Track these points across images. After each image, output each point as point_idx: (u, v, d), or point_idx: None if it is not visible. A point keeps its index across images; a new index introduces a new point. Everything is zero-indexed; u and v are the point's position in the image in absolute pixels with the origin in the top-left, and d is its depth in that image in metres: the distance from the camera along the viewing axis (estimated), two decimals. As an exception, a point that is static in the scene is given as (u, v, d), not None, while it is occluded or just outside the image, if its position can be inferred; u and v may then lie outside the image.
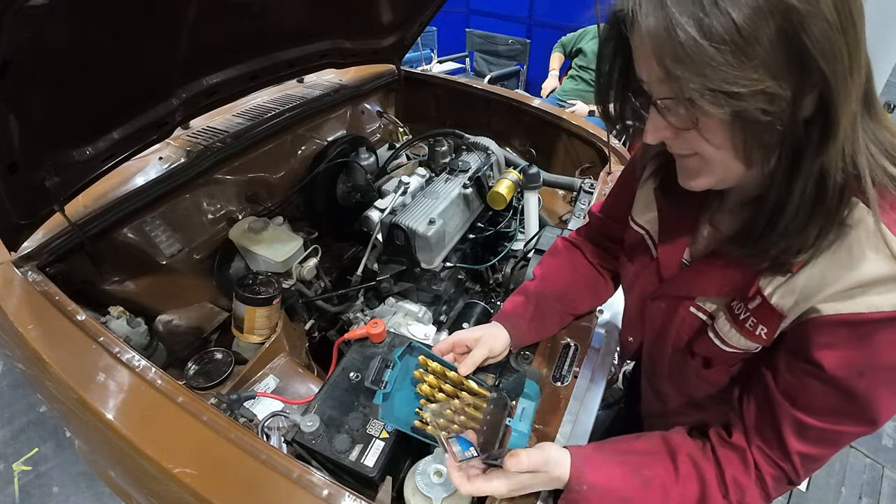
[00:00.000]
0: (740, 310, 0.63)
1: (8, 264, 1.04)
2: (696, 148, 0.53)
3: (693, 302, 0.69)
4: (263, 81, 1.40)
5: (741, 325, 0.63)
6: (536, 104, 1.87)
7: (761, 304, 0.59)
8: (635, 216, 0.81)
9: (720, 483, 0.65)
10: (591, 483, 0.66)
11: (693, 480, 0.66)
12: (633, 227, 0.81)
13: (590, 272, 0.97)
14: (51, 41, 0.78)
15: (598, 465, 0.68)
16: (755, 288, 0.59)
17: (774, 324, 0.59)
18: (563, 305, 0.96)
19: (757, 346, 0.63)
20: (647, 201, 0.78)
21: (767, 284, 0.58)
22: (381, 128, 2.06)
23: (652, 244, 0.78)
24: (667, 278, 0.74)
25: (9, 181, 0.88)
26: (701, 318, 0.69)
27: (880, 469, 2.02)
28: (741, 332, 0.63)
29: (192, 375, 1.12)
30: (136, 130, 1.11)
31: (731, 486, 0.64)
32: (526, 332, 0.92)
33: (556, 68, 3.40)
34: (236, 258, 1.40)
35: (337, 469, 0.80)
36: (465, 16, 4.71)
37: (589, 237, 0.99)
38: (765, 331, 0.60)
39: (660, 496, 0.66)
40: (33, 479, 1.91)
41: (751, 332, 0.62)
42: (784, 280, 0.57)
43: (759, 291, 0.59)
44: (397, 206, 1.37)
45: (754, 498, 0.65)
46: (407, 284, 1.36)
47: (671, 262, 0.73)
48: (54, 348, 0.90)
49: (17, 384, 2.22)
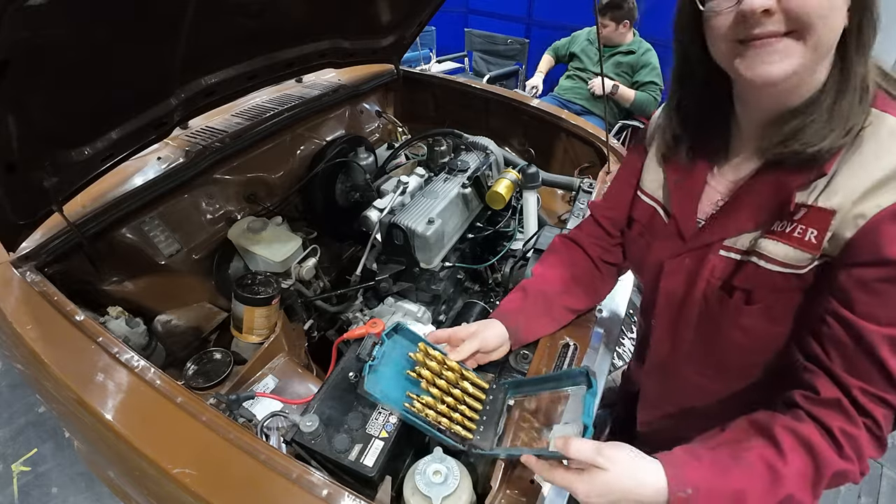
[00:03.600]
0: (784, 226, 0.65)
1: (6, 264, 1.04)
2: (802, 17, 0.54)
3: (721, 245, 0.71)
4: (262, 81, 1.40)
5: (789, 237, 0.64)
6: (535, 104, 1.88)
7: (807, 212, 0.62)
8: (644, 188, 0.85)
9: (831, 442, 0.60)
10: (696, 484, 0.59)
11: (799, 451, 0.60)
12: (643, 200, 0.85)
13: (588, 269, 0.97)
14: (49, 41, 0.77)
15: (695, 466, 0.61)
16: (793, 204, 0.63)
17: (824, 224, 0.61)
18: (562, 303, 0.96)
19: (808, 257, 0.63)
20: (654, 169, 0.82)
21: (807, 196, 0.62)
22: (379, 127, 2.06)
23: (664, 212, 0.81)
24: (688, 234, 0.75)
25: (7, 181, 0.88)
26: (734, 257, 0.70)
27: (879, 468, 2.02)
28: (790, 243, 0.64)
29: (191, 375, 1.11)
30: (135, 130, 1.10)
31: (842, 440, 0.59)
32: (524, 329, 0.92)
33: (543, 71, 3.40)
34: (235, 258, 1.40)
35: (336, 469, 0.80)
36: (463, 15, 4.71)
37: (589, 231, 0.98)
38: (815, 234, 0.62)
39: (769, 477, 0.59)
40: (32, 480, 1.91)
41: (800, 240, 0.63)
42: (823, 186, 0.61)
43: (802, 204, 0.62)
44: (396, 205, 1.37)
45: (868, 448, 0.60)
46: (406, 284, 1.36)
47: (688, 216, 0.75)
48: (53, 348, 0.90)
49: (16, 385, 2.22)
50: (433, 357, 0.82)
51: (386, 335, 0.83)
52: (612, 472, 0.60)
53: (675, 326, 0.82)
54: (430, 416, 0.77)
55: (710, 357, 0.80)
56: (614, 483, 0.60)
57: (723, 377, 0.81)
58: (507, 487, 0.74)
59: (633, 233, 0.89)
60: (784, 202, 0.63)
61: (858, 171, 0.58)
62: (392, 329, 0.85)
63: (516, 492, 0.74)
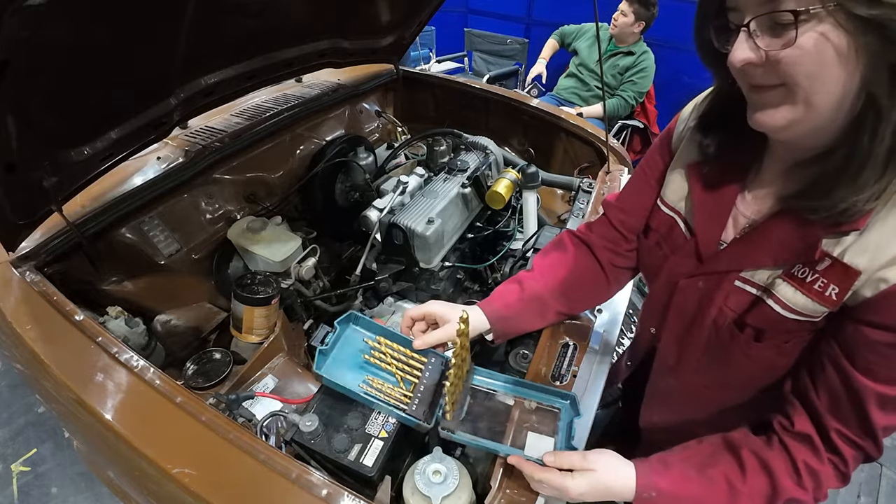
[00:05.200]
0: (805, 273, 0.62)
1: (6, 264, 1.04)
2: (787, 73, 0.52)
3: (738, 275, 0.69)
4: (262, 81, 1.40)
5: (809, 288, 0.62)
6: (535, 104, 1.87)
7: (832, 265, 0.59)
8: (666, 198, 0.81)
9: (792, 471, 0.65)
10: (660, 489, 0.68)
11: (760, 474, 0.66)
12: (664, 211, 0.81)
13: (593, 274, 0.94)
14: (48, 41, 0.77)
15: (662, 472, 0.69)
16: (819, 251, 0.60)
17: (848, 282, 0.58)
18: (556, 307, 0.94)
19: (824, 311, 0.62)
20: (679, 180, 0.78)
21: (834, 246, 0.59)
22: (379, 127, 2.06)
23: (685, 225, 0.78)
24: (707, 256, 0.73)
25: (7, 181, 0.88)
26: (750, 290, 0.68)
27: (879, 468, 2.02)
28: (809, 295, 0.62)
29: (190, 375, 1.11)
30: (134, 130, 1.10)
31: (803, 472, 0.64)
32: (510, 324, 0.92)
33: (546, 57, 3.36)
34: (235, 258, 1.40)
35: (336, 469, 0.80)
36: (463, 15, 4.70)
37: (601, 232, 0.94)
38: (836, 291, 0.60)
39: (728, 492, 0.66)
40: (32, 480, 1.90)
41: (820, 294, 0.61)
42: (854, 239, 0.57)
43: (827, 254, 0.59)
44: (396, 205, 1.37)
45: (830, 480, 0.65)
46: (405, 284, 1.36)
47: (710, 239, 0.73)
48: (52, 348, 0.90)
49: (16, 385, 2.22)
50: (384, 343, 0.88)
51: (338, 323, 0.88)
52: (599, 472, 0.69)
53: (682, 341, 0.81)
54: (390, 398, 0.82)
55: (715, 374, 0.80)
56: (600, 480, 0.69)
57: (727, 391, 0.80)
58: (506, 487, 0.75)
59: (649, 241, 0.85)
60: (810, 247, 0.60)
61: (892, 235, 0.55)
62: (345, 318, 0.90)
63: (516, 491, 0.74)
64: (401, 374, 0.86)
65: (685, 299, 0.77)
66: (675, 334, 0.82)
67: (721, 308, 0.72)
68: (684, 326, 0.79)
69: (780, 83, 0.54)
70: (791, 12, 0.48)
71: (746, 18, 0.53)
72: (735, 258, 0.69)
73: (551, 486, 0.69)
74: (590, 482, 0.68)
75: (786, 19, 0.49)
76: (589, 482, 0.68)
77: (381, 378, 0.85)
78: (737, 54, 0.54)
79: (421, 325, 0.91)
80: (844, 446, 0.63)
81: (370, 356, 0.86)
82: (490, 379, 0.88)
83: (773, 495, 0.65)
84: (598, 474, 0.69)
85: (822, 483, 0.65)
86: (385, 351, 0.87)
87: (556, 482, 0.69)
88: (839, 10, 0.47)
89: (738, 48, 0.54)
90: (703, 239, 0.73)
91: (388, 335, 0.90)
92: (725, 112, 0.68)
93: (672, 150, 0.82)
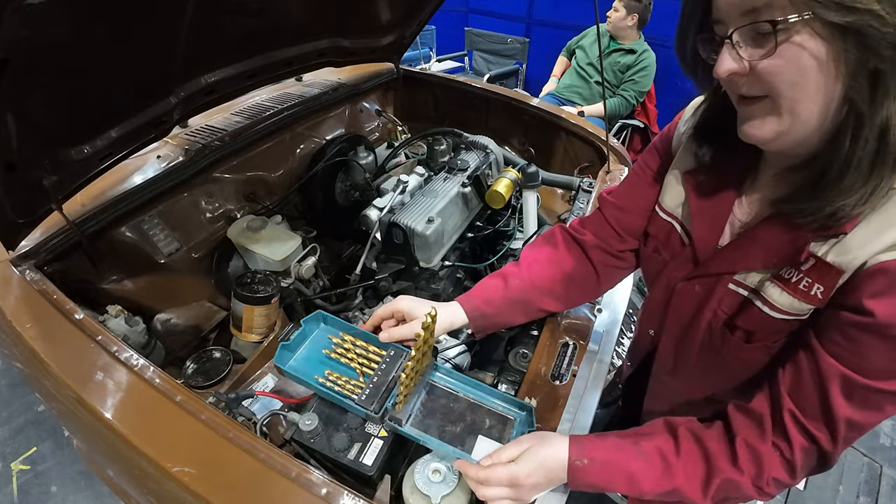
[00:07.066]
0: (791, 274, 0.63)
1: (6, 263, 1.04)
2: (770, 83, 0.53)
3: (731, 278, 0.70)
4: (262, 80, 1.40)
5: (794, 288, 0.63)
6: (535, 103, 1.87)
7: (815, 264, 0.60)
8: (663, 204, 0.81)
9: (728, 450, 0.65)
10: (592, 457, 0.69)
11: (694, 452, 0.67)
12: (661, 216, 0.81)
13: (584, 275, 0.93)
14: (48, 40, 0.77)
15: (596, 443, 0.71)
16: (806, 253, 0.60)
17: (832, 281, 0.59)
18: (541, 305, 0.94)
19: (810, 308, 0.63)
20: (676, 186, 0.79)
21: (819, 247, 0.59)
22: (379, 126, 2.05)
23: (682, 231, 0.78)
24: (703, 260, 0.74)
25: (6, 180, 0.88)
26: (741, 293, 0.69)
27: (878, 468, 2.02)
28: (795, 295, 0.63)
29: (190, 374, 1.12)
30: (134, 129, 1.10)
31: (740, 450, 0.64)
32: (491, 320, 0.92)
33: (558, 74, 3.38)
34: (235, 257, 1.40)
35: (335, 468, 0.80)
36: (463, 14, 4.70)
37: (596, 231, 0.92)
38: (821, 290, 0.60)
39: (661, 466, 0.67)
40: (32, 479, 1.91)
41: (805, 293, 0.62)
42: (837, 240, 0.58)
43: (812, 254, 0.60)
44: (396, 204, 1.37)
45: (775, 466, 0.64)
46: (405, 283, 1.36)
47: (707, 244, 0.73)
48: (52, 347, 0.90)
49: (16, 383, 2.22)
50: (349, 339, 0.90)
51: (304, 321, 0.91)
52: (534, 446, 0.71)
53: (680, 344, 0.82)
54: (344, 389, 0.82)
55: (711, 375, 0.81)
56: (537, 452, 0.70)
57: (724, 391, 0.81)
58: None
59: (648, 248, 0.86)
60: (798, 250, 0.61)
61: (876, 235, 0.55)
62: (313, 317, 0.93)
63: (515, 491, 0.74)
64: (360, 369, 0.87)
65: (682, 302, 0.78)
66: (673, 336, 0.83)
67: (715, 311, 0.72)
68: (681, 329, 0.80)
69: (764, 94, 0.55)
70: (770, 22, 0.49)
71: (730, 30, 0.54)
72: (728, 261, 0.70)
73: (499, 480, 0.69)
74: (530, 460, 0.69)
75: (766, 29, 0.50)
76: (529, 461, 0.69)
77: (341, 372, 0.86)
78: (722, 65, 0.55)
79: (391, 322, 0.92)
80: (794, 431, 0.62)
81: (331, 351, 0.88)
82: (451, 378, 0.87)
83: (708, 474, 0.66)
84: (533, 448, 0.70)
85: (764, 467, 0.64)
86: (349, 347, 0.89)
87: (502, 473, 0.69)
88: (815, 19, 0.47)
89: (722, 59, 0.55)
90: (701, 245, 0.74)
91: (354, 332, 0.92)
92: (719, 123, 0.69)
93: (672, 150, 0.82)
